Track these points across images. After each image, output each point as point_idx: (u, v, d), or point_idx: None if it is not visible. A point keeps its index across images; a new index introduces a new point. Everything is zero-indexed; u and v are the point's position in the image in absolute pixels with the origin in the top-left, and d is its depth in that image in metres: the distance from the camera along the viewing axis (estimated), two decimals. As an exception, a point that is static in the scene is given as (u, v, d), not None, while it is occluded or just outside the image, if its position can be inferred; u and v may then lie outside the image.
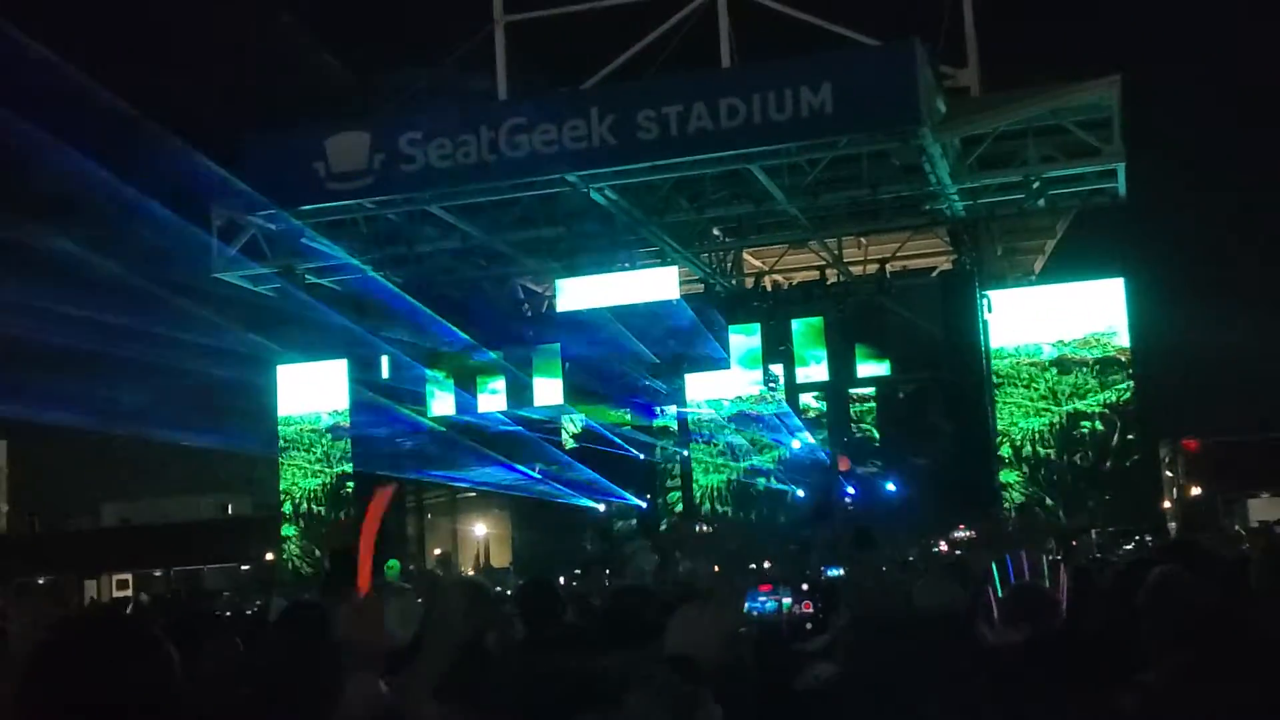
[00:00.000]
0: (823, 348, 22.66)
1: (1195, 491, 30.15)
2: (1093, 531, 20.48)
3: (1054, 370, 21.66)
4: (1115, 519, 20.88)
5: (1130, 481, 21.55)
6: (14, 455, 45.89)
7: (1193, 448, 30.46)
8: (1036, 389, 21.62)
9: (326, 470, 25.20)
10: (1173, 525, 24.58)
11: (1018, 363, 21.76)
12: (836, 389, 23.28)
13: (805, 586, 10.24)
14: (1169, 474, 30.84)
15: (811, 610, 9.39)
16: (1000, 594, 7.22)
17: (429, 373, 24.06)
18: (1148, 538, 18.60)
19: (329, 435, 25.11)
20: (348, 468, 24.97)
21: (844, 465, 21.91)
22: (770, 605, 9.88)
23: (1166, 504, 28.59)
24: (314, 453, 25.26)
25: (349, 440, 24.84)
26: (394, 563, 15.13)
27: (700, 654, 3.73)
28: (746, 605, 8.58)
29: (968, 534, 17.93)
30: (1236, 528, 26.02)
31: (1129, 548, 18.35)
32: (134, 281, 20.77)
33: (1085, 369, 21.54)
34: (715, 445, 24.06)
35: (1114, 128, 19.71)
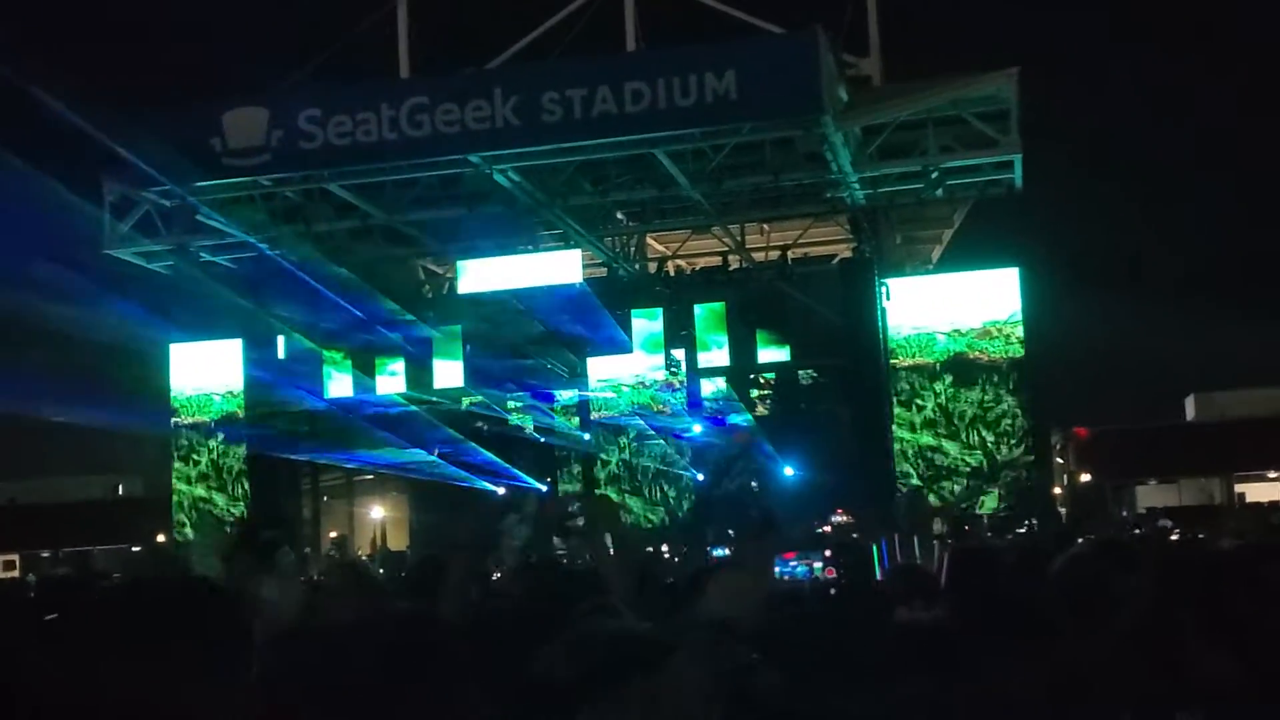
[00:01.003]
0: (724, 333, 22.75)
1: (1085, 478, 30.94)
2: (984, 518, 20.92)
3: (948, 360, 22.00)
4: (1007, 505, 21.35)
5: (1022, 468, 22.00)
6: (-106, 433, 44.37)
7: (1083, 435, 31.25)
8: (929, 385, 21.96)
9: (220, 452, 24.74)
10: (1062, 510, 25.20)
11: (915, 353, 22.07)
12: (738, 374, 23.43)
13: (829, 553, 10.41)
14: (1059, 461, 31.64)
15: (835, 575, 9.54)
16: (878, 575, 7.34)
17: (326, 354, 23.71)
18: (1034, 522, 19.05)
19: (219, 430, 24.65)
20: (241, 449, 24.54)
21: (742, 439, 22.10)
22: (801, 570, 10.00)
23: (1057, 490, 29.32)
24: (206, 433, 24.79)
25: (243, 420, 24.40)
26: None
27: (740, 618, 3.78)
28: (777, 570, 8.70)
29: (844, 519, 18.17)
30: (1124, 513, 26.79)
31: (1021, 531, 18.80)
32: (25, 256, 20.19)
33: (980, 363, 21.91)
34: (617, 431, 24.10)
35: (1011, 120, 20.06)
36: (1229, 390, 34.69)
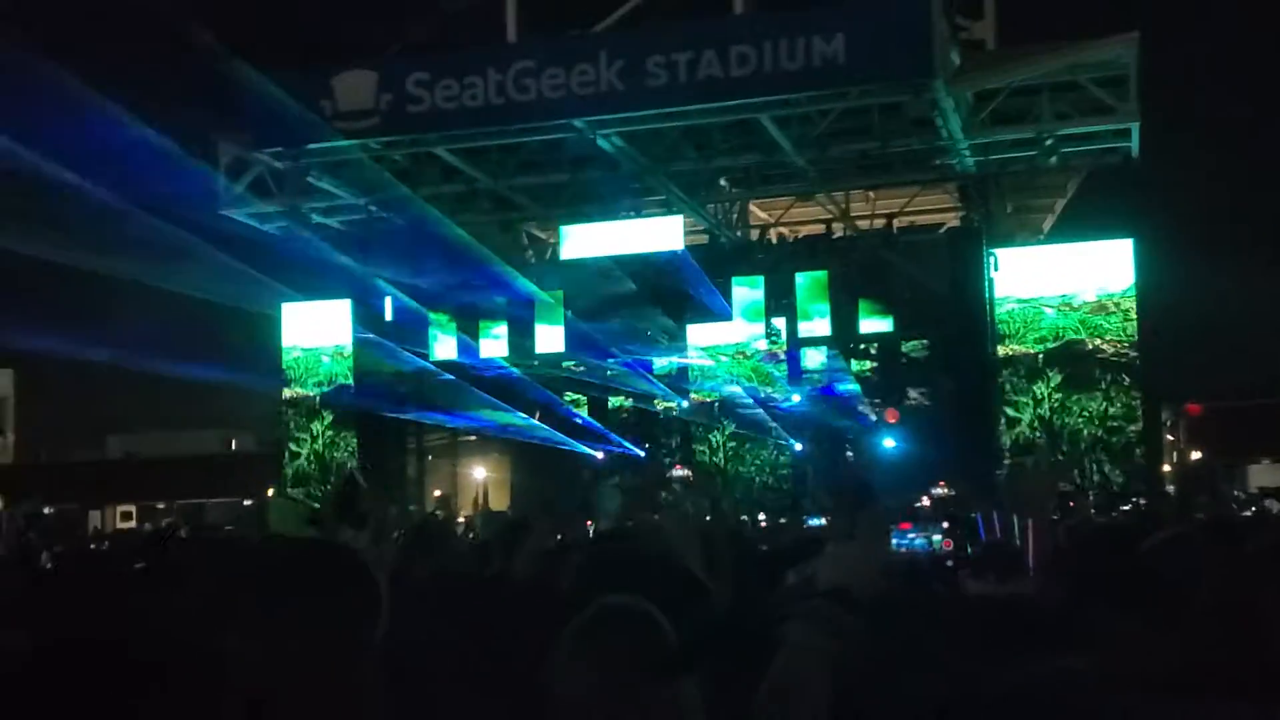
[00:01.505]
0: (826, 302, 22.51)
1: (1195, 456, 30.11)
2: (1090, 494, 20.48)
3: (1057, 350, 21.51)
4: (1116, 483, 20.89)
5: (1131, 445, 21.48)
6: (21, 385, 46.12)
7: (1195, 412, 30.37)
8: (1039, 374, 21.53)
9: (329, 410, 25.27)
10: (1171, 489, 24.57)
11: (1020, 328, 21.62)
12: (840, 344, 23.19)
13: (946, 524, 10.37)
14: (1170, 438, 30.81)
15: (952, 547, 9.51)
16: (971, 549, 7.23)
17: (432, 316, 24.02)
18: (1142, 501, 18.60)
19: (329, 387, 25.16)
20: (350, 407, 25.03)
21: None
22: (919, 542, 10.01)
23: (1166, 468, 28.58)
24: (317, 384, 25.33)
25: (351, 379, 24.86)
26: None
27: (855, 586, 3.79)
28: (894, 542, 8.69)
29: (946, 491, 17.94)
30: (1236, 492, 26.02)
31: (1126, 508, 18.36)
32: (143, 216, 20.75)
33: (1088, 349, 21.40)
34: (717, 401, 24.06)
35: (1130, 86, 19.47)
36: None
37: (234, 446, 40.00)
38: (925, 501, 16.75)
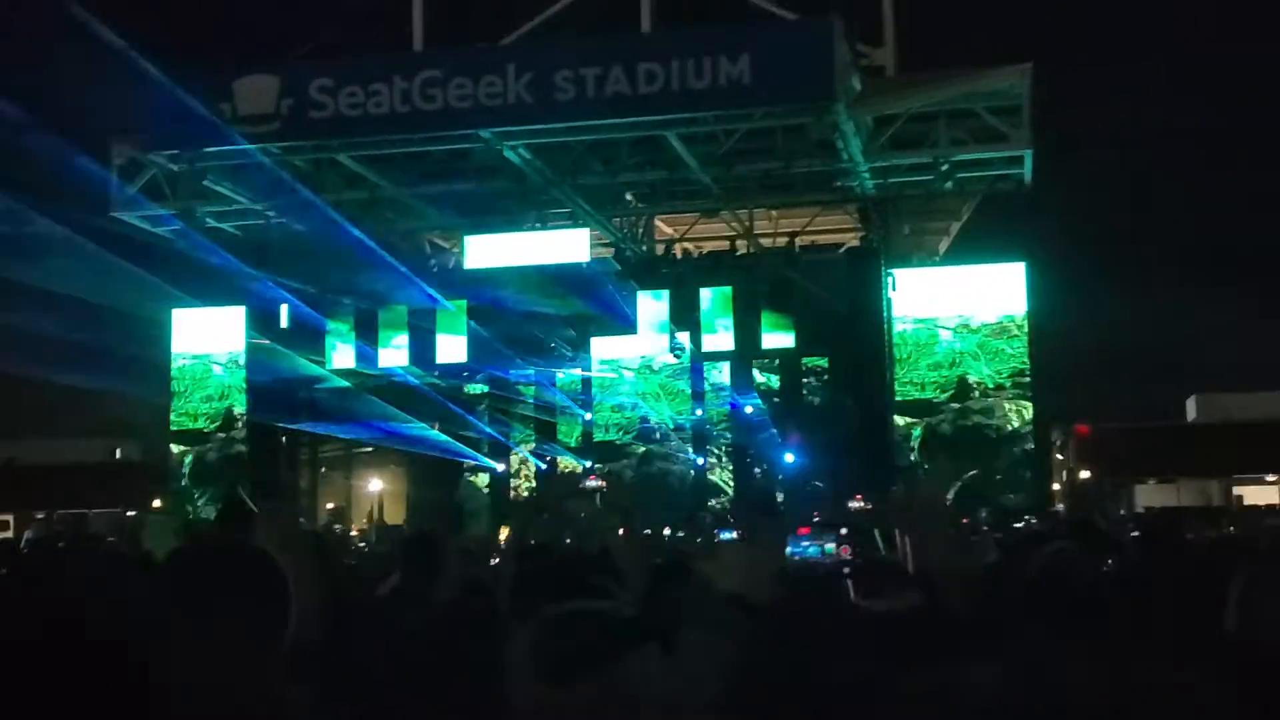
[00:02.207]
0: (730, 317, 22.74)
1: (1084, 475, 30.92)
2: (982, 511, 20.92)
3: (952, 351, 22.01)
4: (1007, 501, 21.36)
5: (1022, 464, 22.02)
6: (-106, 389, 44.33)
7: (1084, 432, 31.19)
8: (934, 368, 22.02)
9: (218, 417, 24.73)
10: (1059, 508, 25.21)
11: (915, 350, 22.11)
12: (742, 359, 23.41)
13: (844, 531, 10.35)
14: (1059, 457, 31.60)
15: (849, 555, 9.50)
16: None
17: (330, 324, 23.67)
18: (1033, 519, 19.03)
19: (222, 378, 24.67)
20: (239, 413, 24.52)
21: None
22: (813, 550, 9.96)
23: (1056, 486, 29.31)
24: (206, 397, 24.76)
25: (244, 387, 24.38)
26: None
27: (751, 592, 3.81)
28: (789, 549, 8.65)
29: (863, 505, 18.19)
30: (1121, 511, 26.78)
31: (1018, 526, 18.78)
32: (29, 216, 20.15)
33: (985, 360, 21.94)
34: (618, 409, 24.08)
35: (1023, 114, 20.03)
36: (1232, 393, 34.68)
37: (119, 455, 38.91)
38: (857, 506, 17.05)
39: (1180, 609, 3.59)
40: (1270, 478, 32.01)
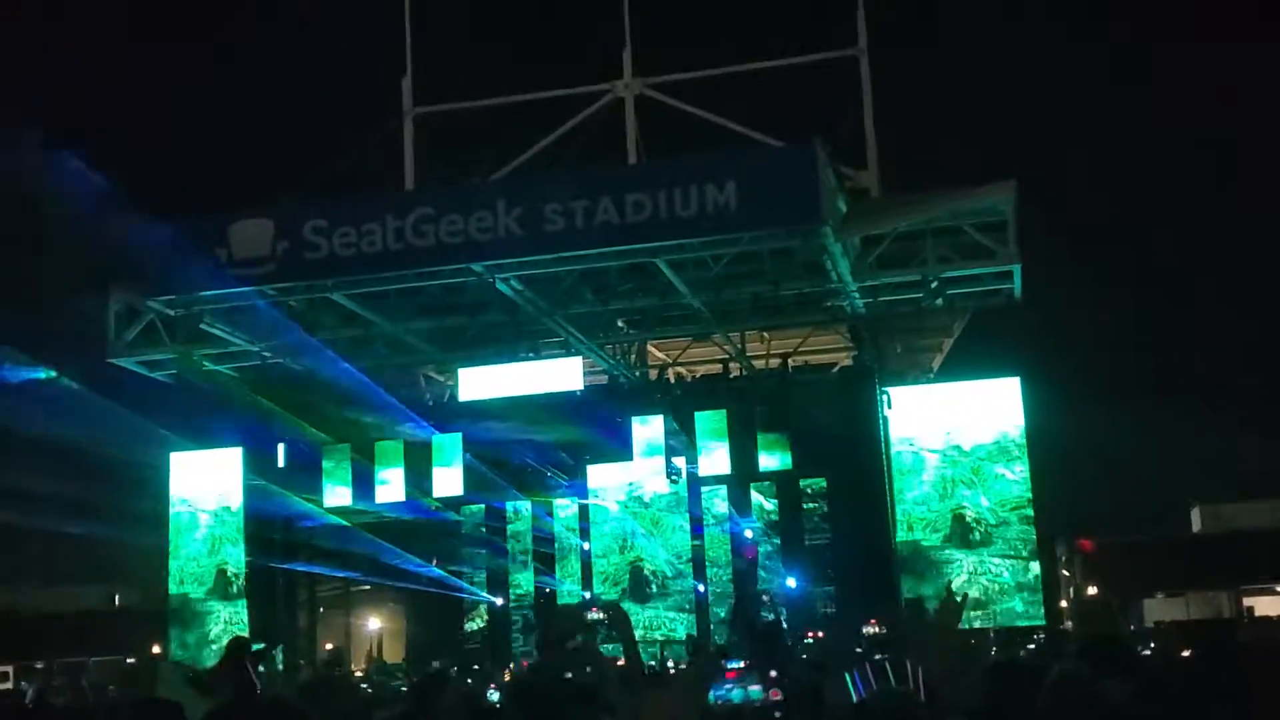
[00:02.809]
0: (725, 440, 22.69)
1: (1091, 591, 30.55)
2: (990, 631, 20.62)
3: (949, 467, 21.86)
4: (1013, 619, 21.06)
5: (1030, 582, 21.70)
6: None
7: (1088, 548, 30.90)
8: (931, 484, 21.84)
9: (216, 561, 24.48)
10: (1068, 624, 24.84)
11: (915, 461, 21.94)
12: (739, 482, 23.31)
13: (774, 674, 10.13)
14: (1065, 573, 31.25)
15: (780, 698, 9.25)
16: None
17: (326, 462, 23.62)
18: (1041, 636, 18.77)
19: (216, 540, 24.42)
20: (239, 558, 24.29)
21: (750, 554, 21.91)
22: (736, 694, 9.75)
23: (1063, 603, 28.94)
24: (203, 543, 24.53)
25: (241, 530, 24.18)
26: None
27: None
28: (712, 694, 8.46)
29: (877, 629, 17.94)
30: (1131, 628, 26.38)
31: (1030, 648, 18.51)
32: (26, 363, 20.29)
33: (984, 477, 21.72)
34: (614, 536, 23.88)
35: (1009, 230, 20.19)
36: (1234, 502, 34.45)
37: (118, 601, 38.48)
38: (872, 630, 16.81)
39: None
40: (1280, 587, 31.63)
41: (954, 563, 21.30)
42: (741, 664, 13.65)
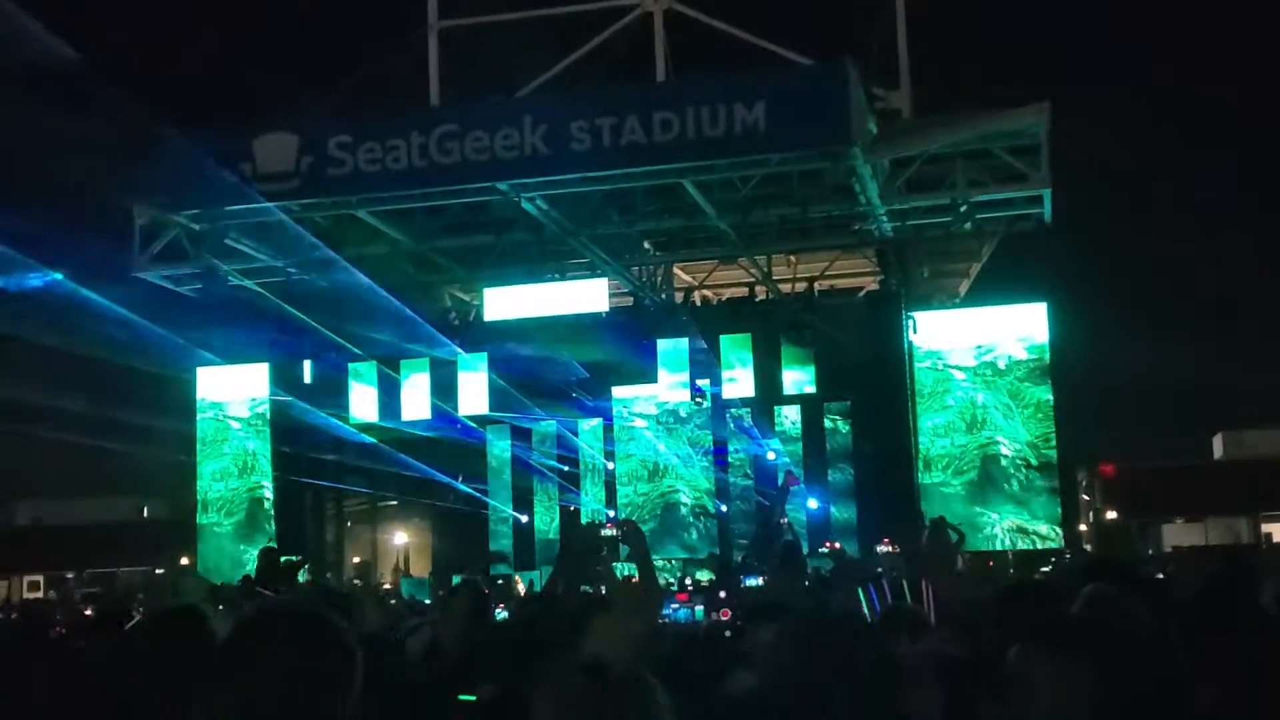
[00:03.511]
0: (750, 364, 22.69)
1: (1111, 516, 30.64)
2: (1009, 553, 20.74)
3: (976, 389, 21.83)
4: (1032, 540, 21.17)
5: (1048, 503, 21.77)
6: (-78, 451, 44.63)
7: (1109, 473, 30.94)
8: (956, 409, 21.84)
9: (245, 474, 24.73)
10: (1087, 548, 24.94)
11: (940, 381, 21.91)
12: (763, 405, 23.33)
13: (723, 594, 10.26)
14: (1085, 498, 31.34)
15: (730, 617, 9.37)
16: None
17: (353, 378, 23.74)
18: (1067, 556, 18.86)
19: (245, 452, 24.60)
20: (266, 469, 24.50)
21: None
22: (683, 614, 9.90)
23: (1083, 527, 29.04)
24: (230, 460, 24.74)
25: (269, 442, 24.37)
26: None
27: (614, 660, 3.71)
28: (664, 613, 8.57)
29: (890, 549, 18.06)
30: (1150, 552, 26.48)
31: (1045, 570, 18.58)
32: (53, 276, 20.35)
33: (1009, 402, 21.68)
34: (640, 459, 23.93)
35: (1041, 154, 19.94)
36: (1258, 429, 34.37)
37: (146, 513, 39.04)
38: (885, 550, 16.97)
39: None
40: (1301, 514, 31.65)
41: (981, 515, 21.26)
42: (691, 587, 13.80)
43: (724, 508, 23.35)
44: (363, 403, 23.81)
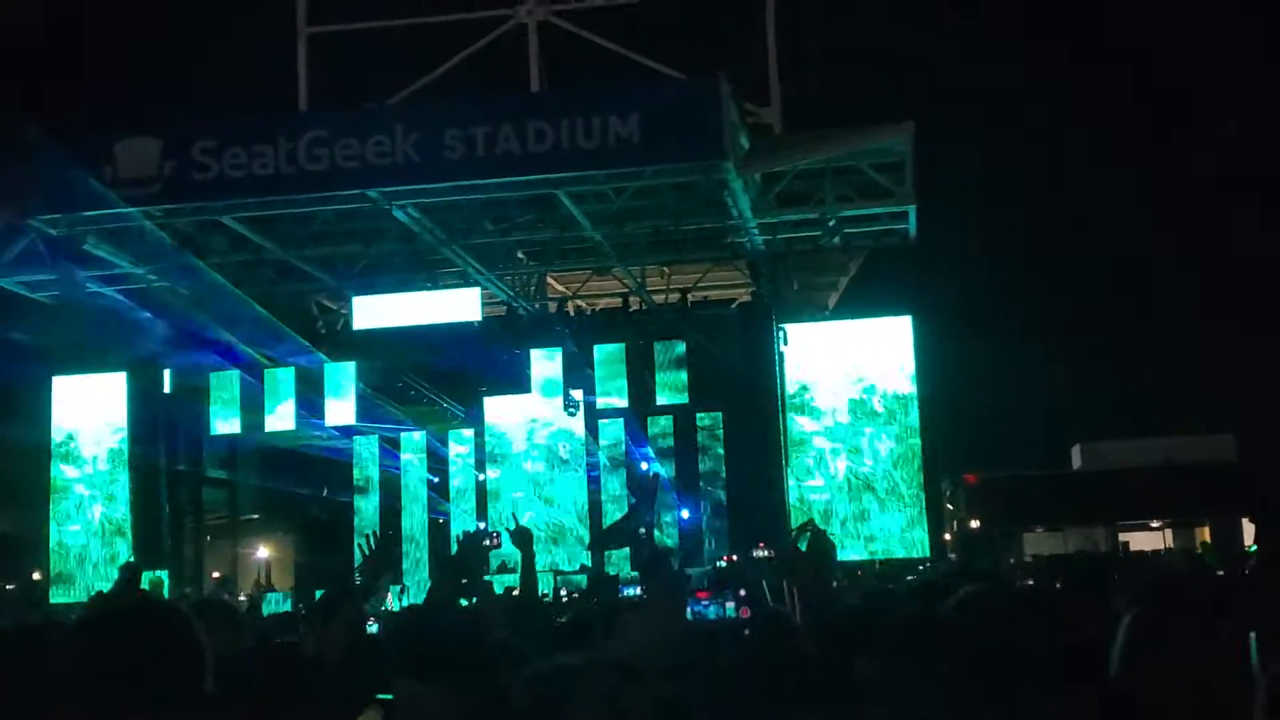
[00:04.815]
0: (623, 375, 22.74)
1: (974, 524, 31.43)
2: (876, 563, 21.12)
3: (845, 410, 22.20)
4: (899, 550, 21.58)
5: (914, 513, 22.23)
6: None
7: (972, 481, 31.74)
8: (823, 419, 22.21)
9: (101, 488, 23.90)
10: (951, 556, 25.53)
11: (805, 405, 22.27)
12: (636, 415, 23.40)
13: (743, 592, 10.36)
14: (949, 507, 32.09)
15: (749, 615, 9.48)
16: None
17: (213, 390, 23.12)
18: (928, 566, 19.24)
19: (100, 466, 23.75)
20: (123, 481, 23.72)
21: (654, 481, 22.00)
22: (713, 610, 9.98)
23: (947, 536, 29.72)
24: (87, 470, 23.91)
25: (126, 459, 23.58)
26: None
27: (643, 657, 3.70)
28: (689, 611, 8.62)
29: (766, 553, 18.20)
30: (1010, 560, 27.21)
31: (911, 579, 18.94)
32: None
33: (875, 413, 22.11)
34: (511, 470, 23.79)
35: (906, 171, 20.43)
36: (1113, 440, 35.61)
37: (-4, 529, 37.46)
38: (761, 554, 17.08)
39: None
40: (1154, 524, 32.87)
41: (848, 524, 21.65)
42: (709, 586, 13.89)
43: (597, 517, 23.34)
44: (224, 415, 23.19)
